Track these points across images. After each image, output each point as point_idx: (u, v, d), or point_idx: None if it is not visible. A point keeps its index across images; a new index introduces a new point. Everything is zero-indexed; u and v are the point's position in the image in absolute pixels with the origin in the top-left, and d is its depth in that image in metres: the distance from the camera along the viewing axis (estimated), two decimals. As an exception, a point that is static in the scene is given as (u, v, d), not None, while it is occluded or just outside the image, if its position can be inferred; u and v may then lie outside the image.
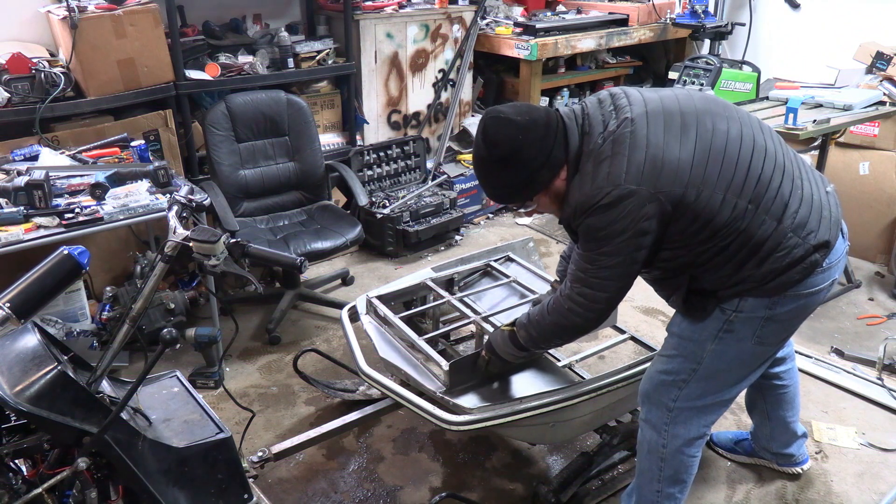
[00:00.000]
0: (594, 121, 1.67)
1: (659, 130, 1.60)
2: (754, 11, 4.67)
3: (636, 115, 1.63)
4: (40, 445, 1.52)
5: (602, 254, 1.63)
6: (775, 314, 1.71)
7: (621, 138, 1.60)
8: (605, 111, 1.68)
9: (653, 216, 1.57)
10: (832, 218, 1.73)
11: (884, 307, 3.44)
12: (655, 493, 1.96)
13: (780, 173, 1.66)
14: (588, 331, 1.80)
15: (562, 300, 1.75)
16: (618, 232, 1.59)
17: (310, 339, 3.18)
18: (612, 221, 1.58)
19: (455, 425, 1.92)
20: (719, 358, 1.78)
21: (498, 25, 4.35)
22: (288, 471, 2.38)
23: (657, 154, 1.58)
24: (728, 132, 1.64)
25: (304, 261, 1.69)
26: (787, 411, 2.23)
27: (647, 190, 1.56)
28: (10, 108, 2.76)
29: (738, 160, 1.62)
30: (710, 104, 1.71)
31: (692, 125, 1.63)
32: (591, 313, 1.72)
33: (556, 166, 1.67)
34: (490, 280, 2.70)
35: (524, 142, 1.63)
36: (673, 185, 1.57)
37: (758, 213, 1.61)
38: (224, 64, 3.35)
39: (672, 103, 1.67)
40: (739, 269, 1.66)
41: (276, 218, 3.36)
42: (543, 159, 1.65)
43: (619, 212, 1.57)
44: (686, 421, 1.87)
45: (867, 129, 3.66)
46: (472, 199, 4.36)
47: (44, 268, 1.48)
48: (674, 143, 1.59)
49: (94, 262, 2.95)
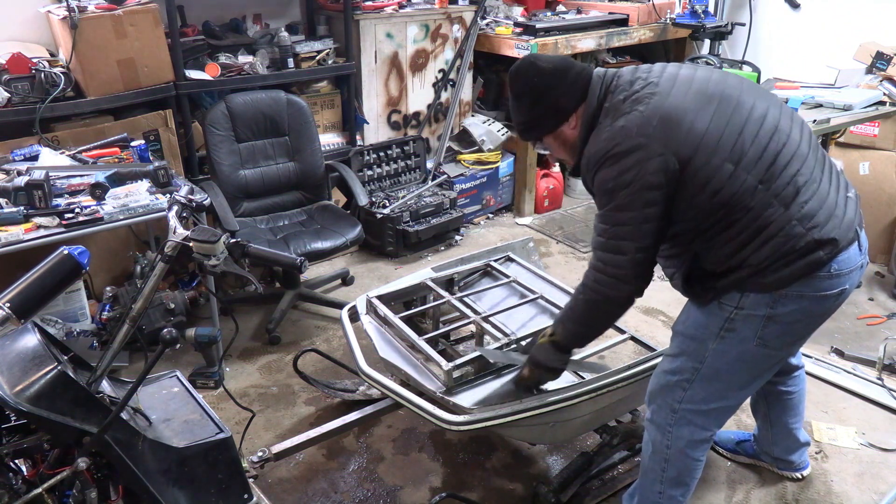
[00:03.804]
0: (622, 81, 1.74)
1: (680, 95, 1.65)
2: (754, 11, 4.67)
3: (663, 80, 1.69)
4: (40, 445, 1.52)
5: (614, 209, 1.66)
6: (777, 314, 1.70)
7: (641, 98, 1.66)
8: (636, 76, 1.73)
9: (660, 170, 1.59)
10: (844, 219, 1.69)
11: (884, 307, 3.44)
12: (657, 494, 1.96)
13: (800, 162, 1.66)
14: (621, 304, 1.77)
15: (587, 277, 1.77)
16: (626, 183, 1.62)
17: (310, 339, 3.18)
18: (621, 172, 1.62)
19: (455, 425, 1.92)
20: (721, 358, 1.78)
21: (498, 25, 4.34)
22: (288, 471, 2.38)
23: (672, 115, 1.62)
24: (752, 111, 1.66)
25: (304, 261, 1.69)
26: (791, 418, 2.22)
27: (656, 144, 1.59)
28: (10, 108, 2.76)
29: (755, 138, 1.63)
30: (743, 85, 1.74)
31: (716, 98, 1.66)
32: (618, 281, 1.70)
33: (564, 114, 1.77)
34: (490, 280, 2.70)
35: (537, 84, 1.76)
36: (682, 146, 1.60)
37: (767, 194, 1.62)
38: (224, 64, 3.35)
39: (704, 76, 1.72)
40: (741, 250, 1.66)
41: (276, 218, 3.36)
42: (549, 104, 1.77)
43: (627, 163, 1.61)
44: (690, 423, 1.86)
45: (867, 129, 3.67)
46: (472, 199, 4.37)
47: (44, 268, 1.48)
48: (692, 109, 1.63)
49: (94, 262, 2.95)
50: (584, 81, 1.76)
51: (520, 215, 4.58)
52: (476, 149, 4.36)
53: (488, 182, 4.42)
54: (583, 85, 1.75)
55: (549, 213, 4.66)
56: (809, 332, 1.82)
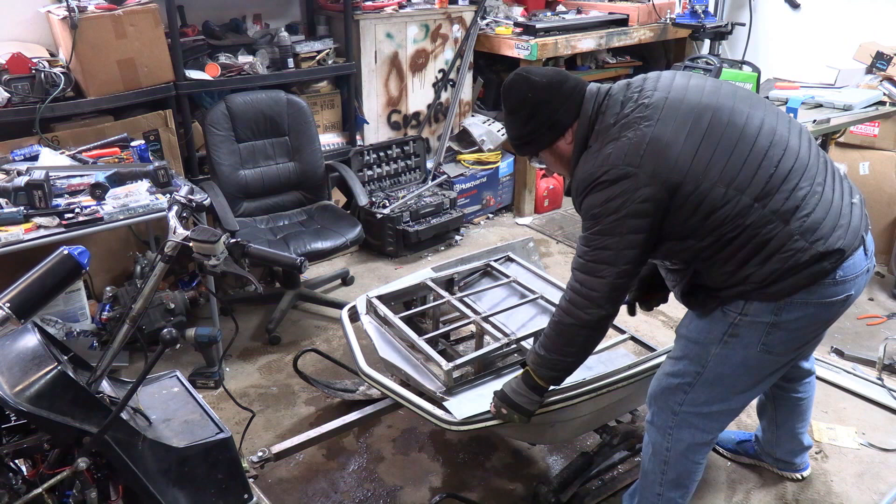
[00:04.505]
0: (613, 102, 1.71)
1: (669, 119, 1.63)
2: (754, 11, 4.67)
3: (654, 101, 1.66)
4: (40, 445, 1.52)
5: (598, 233, 1.65)
6: (781, 321, 1.68)
7: (631, 123, 1.64)
8: (627, 94, 1.71)
9: (648, 199, 1.59)
10: (850, 227, 1.66)
11: (884, 307, 3.44)
12: (657, 496, 1.96)
13: (800, 174, 1.63)
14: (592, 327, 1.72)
15: (562, 299, 1.76)
16: (612, 210, 1.61)
17: (310, 339, 3.18)
18: (608, 199, 1.62)
19: (455, 425, 1.92)
20: (724, 363, 1.76)
21: (498, 25, 4.34)
22: (288, 471, 2.38)
23: (660, 141, 1.60)
24: (746, 124, 1.64)
25: (304, 261, 1.68)
26: (797, 422, 2.22)
27: (643, 173, 1.58)
28: (10, 108, 2.76)
29: (748, 156, 1.61)
30: (738, 94, 1.72)
31: (709, 112, 1.64)
32: (590, 304, 1.68)
33: (559, 129, 1.75)
34: (490, 280, 2.70)
35: (532, 99, 1.74)
36: (671, 173, 1.59)
37: (765, 211, 1.60)
38: (224, 64, 3.35)
39: (697, 87, 1.70)
40: (742, 267, 1.64)
41: (276, 218, 3.36)
42: (544, 118, 1.74)
43: (615, 190, 1.61)
44: (691, 426, 1.86)
45: (867, 129, 3.66)
46: (472, 199, 4.36)
47: (44, 268, 1.48)
48: (681, 133, 1.61)
49: (94, 262, 2.95)
50: (578, 96, 1.74)
51: (520, 215, 4.58)
52: (476, 149, 4.36)
53: (488, 182, 4.42)
54: (577, 99, 1.74)
55: (549, 213, 4.66)
56: (815, 337, 1.82)
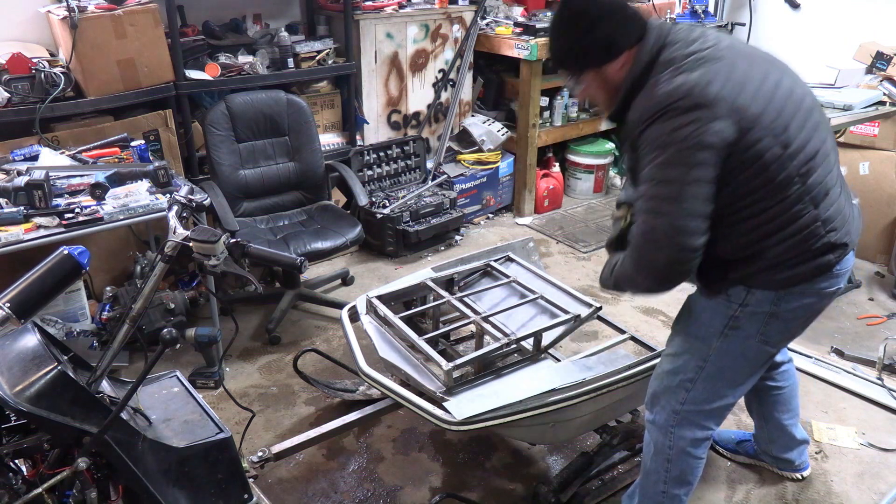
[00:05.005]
0: (677, 37, 1.64)
1: (743, 64, 1.59)
2: (754, 11, 4.67)
3: (723, 46, 1.62)
4: (40, 445, 1.52)
5: (661, 164, 1.55)
6: (780, 310, 1.71)
7: (707, 57, 1.58)
8: (691, 35, 1.65)
9: (718, 133, 1.51)
10: (854, 225, 1.73)
11: (884, 307, 3.44)
12: (661, 493, 1.96)
13: (829, 165, 1.66)
14: (662, 273, 1.63)
15: (633, 236, 1.68)
16: (680, 138, 1.52)
17: (310, 339, 3.18)
18: (678, 127, 1.52)
19: (455, 425, 1.92)
20: (725, 355, 1.78)
21: (498, 25, 4.34)
22: (288, 471, 2.38)
23: (739, 81, 1.55)
24: (803, 98, 1.65)
25: (304, 261, 1.68)
26: (783, 413, 2.22)
27: (720, 107, 1.52)
28: (10, 108, 2.76)
29: (805, 126, 1.60)
30: (786, 71, 1.70)
31: (774, 74, 1.63)
32: (656, 246, 1.59)
33: (614, 50, 1.65)
34: (490, 280, 2.70)
35: (593, 12, 1.63)
36: (746, 112, 1.53)
37: (802, 189, 1.59)
38: (224, 64, 3.35)
39: (759, 51, 1.70)
40: (762, 240, 1.63)
41: (276, 218, 3.36)
42: (602, 35, 1.64)
43: (687, 118, 1.51)
44: (692, 423, 1.87)
45: (867, 129, 3.67)
46: (472, 199, 4.36)
47: (44, 268, 1.48)
48: (755, 79, 1.58)
49: (94, 262, 2.95)
50: (642, 22, 1.65)
51: (520, 215, 4.58)
52: (476, 149, 4.36)
53: (488, 182, 4.42)
54: (640, 25, 1.64)
55: (549, 213, 4.66)
56: (804, 328, 1.84)
